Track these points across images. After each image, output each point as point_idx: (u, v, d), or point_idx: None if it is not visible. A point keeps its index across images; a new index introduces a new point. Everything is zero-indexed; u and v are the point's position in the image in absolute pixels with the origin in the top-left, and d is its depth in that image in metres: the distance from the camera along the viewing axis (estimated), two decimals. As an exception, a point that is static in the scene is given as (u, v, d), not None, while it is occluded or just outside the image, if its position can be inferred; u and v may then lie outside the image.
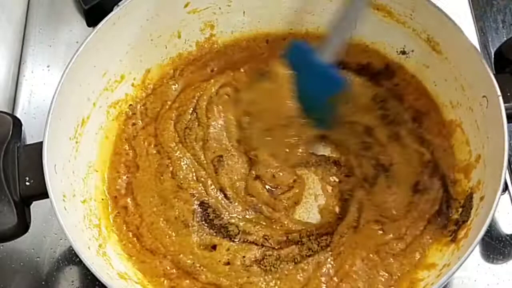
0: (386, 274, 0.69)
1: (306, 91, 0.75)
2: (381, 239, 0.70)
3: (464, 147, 0.72)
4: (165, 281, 0.70)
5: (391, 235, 0.70)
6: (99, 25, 0.71)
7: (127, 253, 0.71)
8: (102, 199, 0.73)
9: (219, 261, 0.72)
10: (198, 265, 0.71)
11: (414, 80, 0.78)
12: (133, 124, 0.79)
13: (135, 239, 0.73)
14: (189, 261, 0.71)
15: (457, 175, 0.72)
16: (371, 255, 0.69)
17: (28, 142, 0.69)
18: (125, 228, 0.73)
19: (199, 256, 0.72)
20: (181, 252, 0.72)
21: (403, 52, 0.78)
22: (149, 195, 0.75)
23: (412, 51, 0.77)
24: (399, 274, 0.68)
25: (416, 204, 0.72)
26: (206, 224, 0.74)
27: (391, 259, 0.69)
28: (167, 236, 0.73)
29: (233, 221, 0.75)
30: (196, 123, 0.79)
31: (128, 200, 0.75)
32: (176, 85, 0.81)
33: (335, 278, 0.69)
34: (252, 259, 0.72)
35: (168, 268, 0.71)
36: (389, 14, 0.76)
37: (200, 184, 0.76)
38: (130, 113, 0.79)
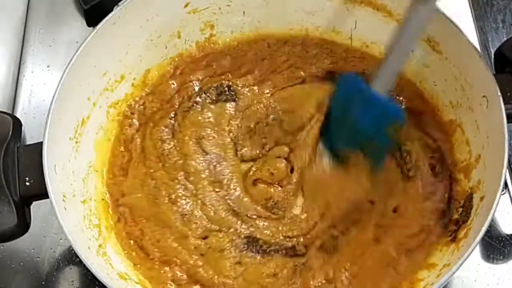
0: (394, 273, 0.68)
1: (360, 123, 0.70)
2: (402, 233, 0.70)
3: (464, 147, 0.72)
4: (173, 286, 0.69)
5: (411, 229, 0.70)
6: (99, 25, 0.71)
7: (132, 261, 0.70)
8: (102, 199, 0.73)
9: (263, 273, 0.69)
10: (227, 281, 0.69)
11: (409, 86, 0.78)
12: (130, 125, 0.78)
13: (139, 249, 0.71)
14: (213, 277, 0.69)
15: (457, 175, 0.72)
16: (388, 251, 0.69)
17: (28, 142, 0.69)
18: (126, 236, 0.71)
19: (230, 273, 0.69)
20: (206, 268, 0.69)
21: (403, 52, 0.78)
22: (143, 215, 0.72)
23: (412, 51, 0.77)
24: (404, 274, 0.68)
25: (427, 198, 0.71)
26: (254, 253, 0.70)
27: (403, 257, 0.69)
28: (185, 255, 0.70)
29: (301, 240, 0.71)
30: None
31: (125, 209, 0.73)
32: (175, 84, 0.81)
33: (347, 274, 0.69)
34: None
35: (179, 274, 0.69)
36: (389, 14, 0.76)
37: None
38: (129, 112, 0.78)
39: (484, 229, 0.60)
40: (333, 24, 0.81)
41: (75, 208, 0.68)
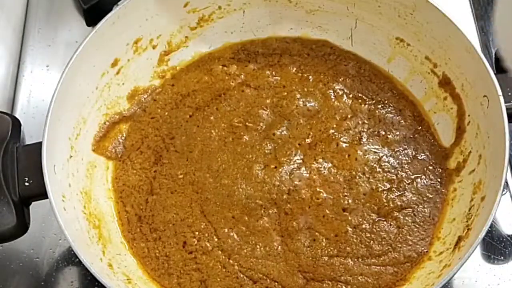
0: (395, 271, 0.68)
1: None
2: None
3: (465, 147, 0.72)
4: None
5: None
6: (99, 25, 0.71)
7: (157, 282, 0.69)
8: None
9: None
10: None
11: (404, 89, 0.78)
12: (130, 125, 0.78)
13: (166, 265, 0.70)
14: None
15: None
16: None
17: (27, 142, 0.69)
18: (146, 251, 0.71)
19: None
20: None
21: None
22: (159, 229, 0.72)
23: (411, 51, 0.77)
24: (404, 273, 0.68)
25: None
26: None
27: (402, 258, 0.69)
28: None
29: None
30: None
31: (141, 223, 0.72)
32: (173, 85, 0.81)
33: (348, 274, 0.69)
34: None
35: None
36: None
37: None
38: (127, 114, 0.78)
39: (485, 229, 0.60)
40: (333, 23, 0.80)
41: (75, 208, 0.68)
